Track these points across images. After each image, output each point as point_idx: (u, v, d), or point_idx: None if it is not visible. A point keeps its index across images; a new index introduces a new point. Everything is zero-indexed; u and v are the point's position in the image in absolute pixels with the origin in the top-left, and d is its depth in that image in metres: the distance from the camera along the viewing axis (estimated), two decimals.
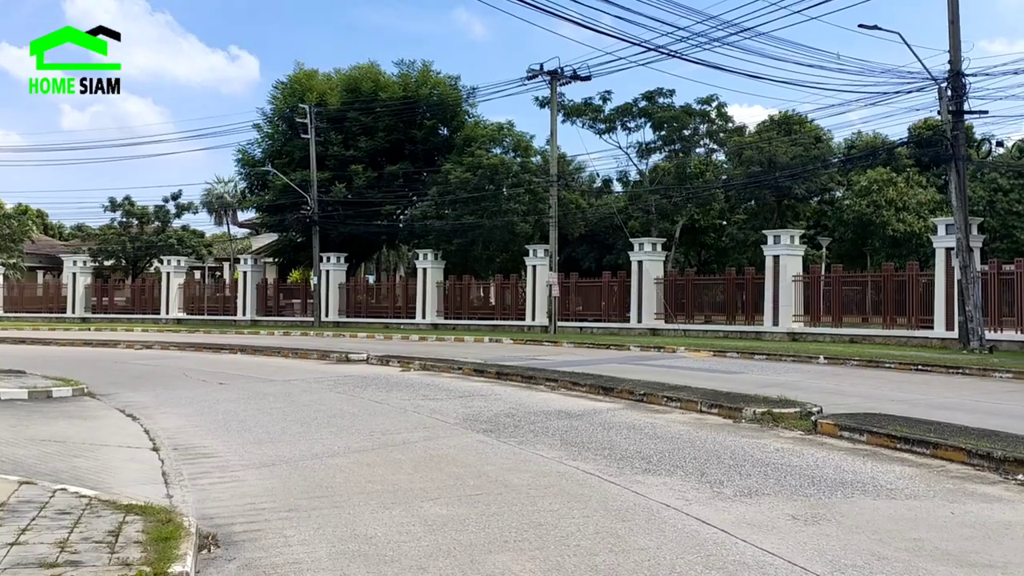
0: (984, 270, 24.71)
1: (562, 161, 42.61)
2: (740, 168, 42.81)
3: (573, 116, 44.67)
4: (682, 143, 44.84)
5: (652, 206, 43.12)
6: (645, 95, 44.06)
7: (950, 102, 23.36)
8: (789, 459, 9.04)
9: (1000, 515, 6.85)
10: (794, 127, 43.76)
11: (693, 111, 44.22)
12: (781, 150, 41.17)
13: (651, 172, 46.77)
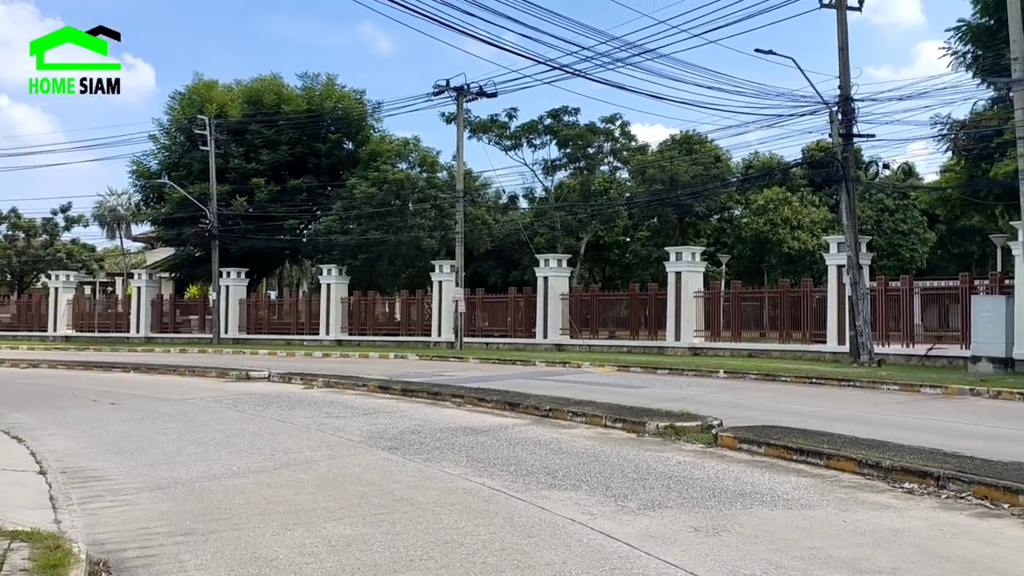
0: (873, 286, 25.75)
1: (468, 177, 42.66)
2: (643, 186, 43.68)
3: (479, 132, 44.89)
4: (587, 160, 45.51)
5: (557, 222, 43.57)
6: (550, 113, 44.62)
7: (840, 125, 24.34)
8: (691, 472, 9.20)
9: (889, 522, 7.12)
10: (695, 147, 44.94)
11: (597, 129, 44.98)
12: (682, 169, 42.19)
13: (556, 189, 47.30)
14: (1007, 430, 12.48)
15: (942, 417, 14.06)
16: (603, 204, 43.76)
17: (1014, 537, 6.69)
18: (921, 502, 7.84)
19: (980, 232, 42.01)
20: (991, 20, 23.25)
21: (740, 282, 34.53)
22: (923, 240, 46.33)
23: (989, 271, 33.12)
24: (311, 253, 47.17)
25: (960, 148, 25.07)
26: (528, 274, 39.19)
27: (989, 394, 16.90)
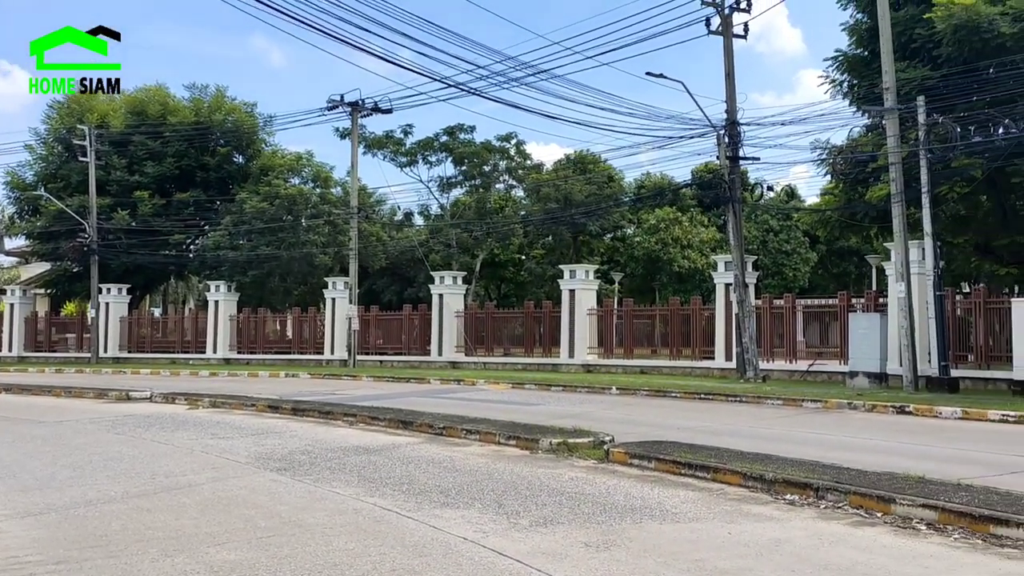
0: (758, 304, 26.62)
1: (363, 193, 42.24)
2: (538, 204, 44.12)
3: (375, 148, 44.55)
4: (482, 178, 45.71)
5: (453, 240, 43.56)
6: (446, 130, 44.67)
7: (727, 148, 25.16)
8: (583, 488, 9.27)
9: (771, 533, 7.33)
10: (589, 166, 45.68)
11: (493, 147, 45.25)
12: (577, 188, 42.80)
13: (452, 206, 47.32)
14: (881, 442, 13.05)
15: (822, 430, 14.59)
16: (499, 222, 44.01)
17: (887, 544, 6.98)
18: (802, 513, 8.10)
19: (857, 252, 44.04)
20: (866, 51, 24.46)
21: (632, 300, 35.16)
22: (805, 260, 48.26)
23: (865, 290, 34.73)
24: (198, 269, 45.75)
25: (838, 172, 26.19)
26: (423, 291, 38.99)
27: (865, 408, 17.66)
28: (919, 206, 21.21)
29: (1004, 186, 22.51)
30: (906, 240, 21.31)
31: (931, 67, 22.01)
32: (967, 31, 20.68)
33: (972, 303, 22.51)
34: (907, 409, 17.03)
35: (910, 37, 22.51)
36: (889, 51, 21.21)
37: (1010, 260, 25.55)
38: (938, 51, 21.69)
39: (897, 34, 22.02)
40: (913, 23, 22.41)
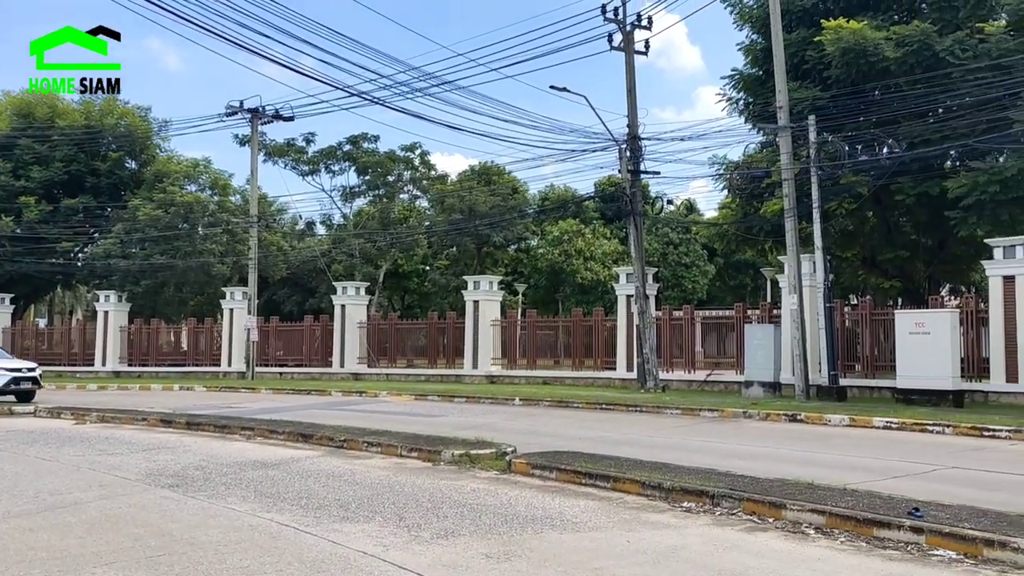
0: (658, 316, 27.14)
1: (264, 201, 41.44)
2: (443, 215, 44.08)
3: (276, 156, 43.79)
4: (386, 188, 45.42)
5: (356, 250, 43.09)
6: (350, 139, 44.26)
7: (629, 162, 25.63)
8: (485, 499, 9.26)
9: (668, 540, 7.46)
10: (493, 178, 45.91)
11: (397, 157, 45.04)
12: (481, 199, 42.94)
13: (355, 216, 46.86)
14: (774, 449, 13.45)
15: (718, 439, 14.95)
16: (403, 232, 43.79)
17: (777, 549, 7.19)
18: (698, 520, 8.27)
19: (753, 265, 45.43)
20: (760, 71, 25.33)
21: (536, 311, 35.42)
22: (704, 272, 49.53)
23: (761, 302, 35.86)
24: (87, 278, 44.01)
25: (735, 187, 26.99)
26: (325, 302, 38.44)
27: (759, 416, 18.18)
28: (811, 221, 22.02)
29: (888, 203, 23.59)
30: (798, 254, 22.09)
31: (821, 88, 22.93)
32: (854, 54, 21.63)
33: (859, 315, 23.47)
34: (799, 417, 17.61)
35: (802, 58, 23.41)
36: (782, 71, 22.00)
37: (894, 274, 26.75)
38: (828, 72, 22.61)
39: (790, 55, 22.87)
40: (805, 45, 23.31)
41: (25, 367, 24.72)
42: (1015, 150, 19.83)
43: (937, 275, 27.01)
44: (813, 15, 23.78)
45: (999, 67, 20.20)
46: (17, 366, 24.71)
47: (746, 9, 25.86)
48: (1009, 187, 19.93)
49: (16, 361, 26.22)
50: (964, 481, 10.36)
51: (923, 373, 19.46)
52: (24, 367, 24.69)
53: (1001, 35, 20.66)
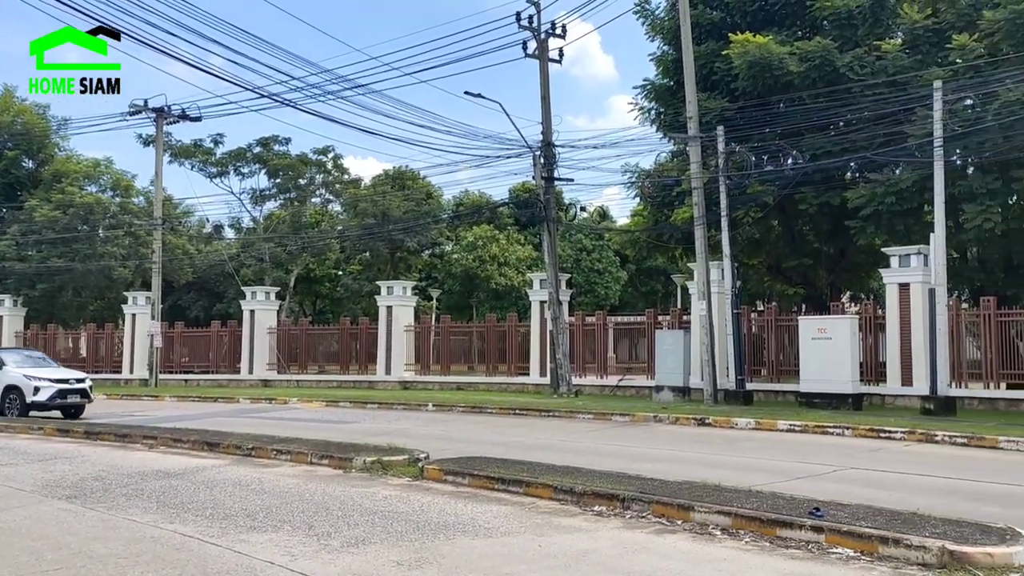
0: (571, 321, 27.38)
1: (168, 203, 40.29)
2: (356, 219, 43.62)
3: (182, 157, 42.65)
4: (298, 192, 44.73)
5: (266, 254, 42.27)
6: (260, 141, 43.42)
7: (543, 169, 25.83)
8: (397, 506, 9.17)
9: (579, 544, 7.51)
10: (408, 182, 45.66)
11: (310, 160, 44.40)
12: (395, 204, 42.66)
13: (266, 219, 46.00)
14: (682, 452, 13.71)
15: (630, 443, 15.16)
16: (314, 236, 43.15)
17: (685, 550, 7.31)
18: (609, 523, 8.36)
19: (664, 272, 46.27)
20: (671, 81, 25.84)
21: (450, 316, 35.34)
22: (616, 278, 50.18)
23: (671, 308, 36.47)
24: None
25: (646, 195, 27.46)
26: (234, 307, 37.59)
27: (669, 420, 18.51)
28: (719, 229, 22.56)
29: (792, 212, 24.33)
30: (707, 261, 22.59)
31: (730, 99, 23.53)
32: (760, 68, 22.26)
33: (765, 321, 24.12)
34: (707, 421, 17.99)
35: (711, 70, 23.98)
36: (692, 83, 22.50)
37: (798, 281, 27.60)
38: (736, 85, 23.22)
39: (700, 67, 23.40)
40: (714, 57, 23.89)
41: (73, 377, 21.30)
42: (910, 163, 20.69)
43: (838, 282, 27.96)
44: (721, 29, 24.39)
45: (895, 83, 21.07)
46: (64, 376, 21.32)
47: (658, 21, 26.37)
48: (904, 198, 20.78)
49: (62, 370, 22.68)
50: (862, 481, 10.74)
51: (825, 377, 20.11)
52: (72, 377, 21.27)
53: (897, 53, 21.56)
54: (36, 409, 20.22)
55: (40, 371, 20.93)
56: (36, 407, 20.21)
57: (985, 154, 20.13)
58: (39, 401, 20.12)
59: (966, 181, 20.38)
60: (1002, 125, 19.07)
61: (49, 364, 22.41)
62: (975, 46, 20.17)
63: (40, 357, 23.01)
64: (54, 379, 20.63)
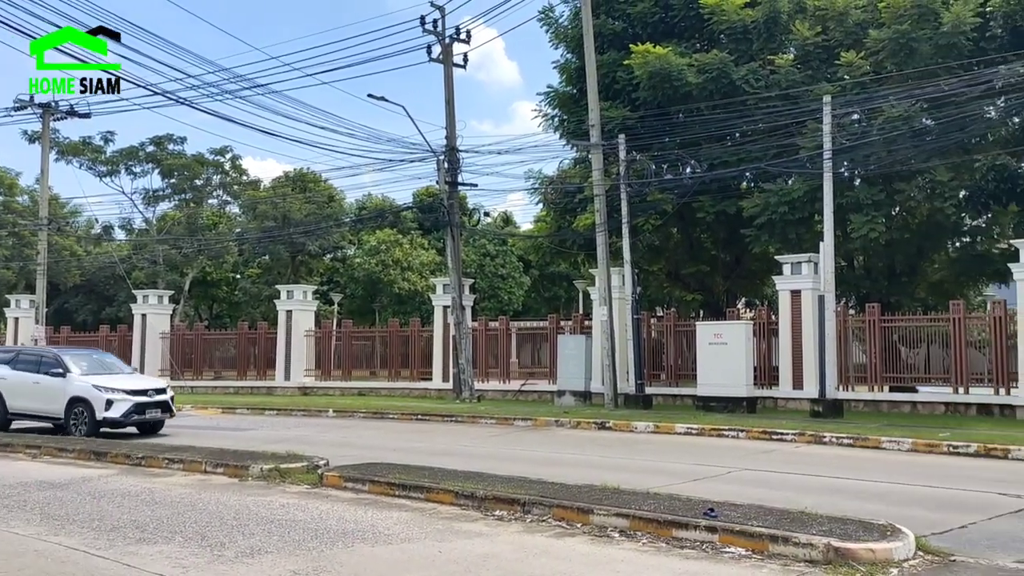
0: (475, 326, 27.38)
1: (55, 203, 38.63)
2: (255, 222, 42.71)
3: (70, 155, 40.99)
4: (194, 193, 43.53)
5: (160, 256, 40.96)
6: (154, 140, 42.12)
7: (447, 174, 25.76)
8: (294, 514, 9.00)
9: (480, 549, 7.51)
10: (309, 185, 44.95)
11: (206, 161, 43.27)
12: (296, 206, 41.95)
13: (159, 221, 44.60)
14: (583, 456, 13.86)
15: (532, 447, 15.25)
16: (211, 239, 42.02)
17: (584, 552, 7.40)
18: (509, 527, 8.39)
19: (567, 277, 46.73)
20: (575, 89, 26.15)
21: (352, 321, 34.91)
22: (519, 284, 50.45)
23: (573, 313, 36.88)
24: None
25: (549, 201, 27.71)
26: (125, 311, 36.29)
27: (570, 424, 18.70)
28: (621, 235, 22.92)
29: (691, 220, 24.93)
30: (609, 267, 22.92)
31: (631, 108, 23.96)
32: (660, 78, 22.75)
33: (665, 326, 24.62)
34: (607, 425, 18.25)
35: (613, 79, 24.38)
36: (594, 91, 22.83)
37: (696, 287, 28.28)
38: (637, 94, 23.66)
39: (602, 75, 23.76)
40: (616, 67, 24.29)
41: (152, 387, 17.84)
42: (801, 174, 21.46)
43: (735, 289, 28.77)
44: (623, 39, 24.81)
45: (788, 97, 21.83)
46: (142, 385, 17.79)
47: (561, 29, 26.65)
48: (796, 208, 21.54)
49: (138, 377, 19.63)
50: (755, 482, 11.07)
51: (721, 381, 20.64)
52: (151, 387, 17.81)
53: (789, 68, 22.36)
54: (108, 427, 16.84)
55: (113, 379, 17.39)
56: (108, 424, 16.79)
57: (871, 167, 21.04)
58: (112, 418, 16.69)
59: (853, 192, 21.25)
60: (886, 140, 19.98)
61: (121, 369, 19.09)
62: (861, 63, 21.09)
63: (111, 361, 19.40)
64: (130, 390, 17.16)
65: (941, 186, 20.31)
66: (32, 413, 17.76)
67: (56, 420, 17.24)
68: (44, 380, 17.41)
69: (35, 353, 19.22)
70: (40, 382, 17.47)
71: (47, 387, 17.33)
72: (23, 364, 18.12)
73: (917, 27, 20.36)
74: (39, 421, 17.76)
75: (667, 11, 24.82)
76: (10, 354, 19.12)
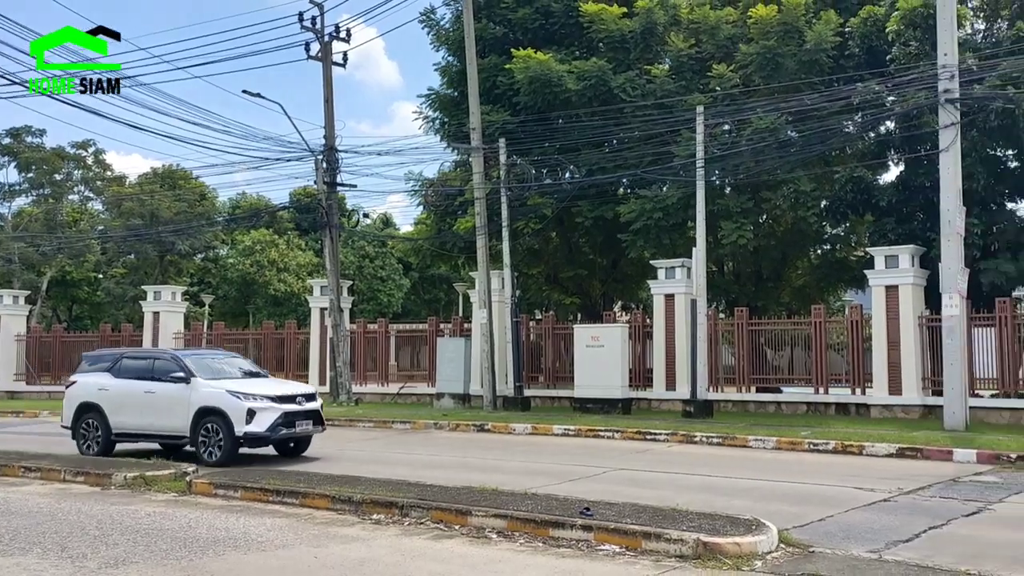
0: (353, 329, 27.00)
1: None
2: (120, 219, 40.93)
3: None
4: (53, 188, 41.43)
5: (15, 255, 38.70)
6: (9, 131, 39.90)
7: (325, 174, 25.33)
8: (161, 523, 8.67)
9: (356, 553, 7.41)
10: (179, 182, 43.41)
11: (67, 154, 41.27)
12: (165, 204, 40.46)
13: (15, 217, 42.20)
14: (462, 458, 13.86)
15: (411, 450, 15.15)
16: (72, 236, 40.01)
17: (462, 554, 7.40)
18: (387, 531, 8.31)
19: (447, 280, 46.75)
20: (456, 92, 26.14)
21: (224, 323, 33.87)
22: (399, 286, 50.16)
23: (453, 316, 36.89)
24: None
25: (430, 204, 27.61)
26: None
27: (449, 427, 18.69)
28: (501, 239, 23.06)
29: (570, 225, 25.31)
30: (488, 270, 23.02)
31: (512, 113, 24.15)
32: (540, 84, 23.02)
33: (543, 329, 24.88)
34: (486, 427, 18.32)
35: (494, 83, 24.51)
36: (476, 94, 22.90)
37: (574, 290, 28.69)
38: (518, 99, 23.86)
39: (483, 79, 23.87)
40: (497, 71, 24.43)
41: (300, 393, 13.85)
42: (675, 181, 22.09)
43: (612, 292, 29.34)
44: (505, 44, 24.99)
45: (663, 106, 22.46)
46: (290, 391, 13.82)
47: (443, 31, 26.62)
48: (670, 214, 22.16)
49: (281, 382, 15.54)
50: (630, 481, 11.33)
51: (597, 383, 21.02)
52: (299, 393, 13.82)
53: (664, 77, 23.00)
54: (250, 444, 13.15)
55: (251, 385, 13.68)
56: (250, 441, 12.99)
57: (740, 176, 21.86)
58: (255, 433, 12.81)
59: (724, 200, 22.03)
60: (754, 150, 20.82)
61: (258, 372, 15.23)
62: (732, 76, 21.91)
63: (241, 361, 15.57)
64: (277, 396, 13.32)
65: (804, 196, 21.32)
66: (144, 432, 13.94)
67: (177, 439, 13.55)
68: (161, 388, 13.62)
69: (145, 355, 15.45)
70: (155, 391, 13.68)
71: (167, 397, 13.49)
72: (130, 371, 14.27)
73: (783, 43, 21.30)
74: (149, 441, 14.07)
75: (548, 18, 25.14)
76: (110, 359, 14.91)
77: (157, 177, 44.01)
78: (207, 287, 45.04)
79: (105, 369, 14.48)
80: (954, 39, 16.58)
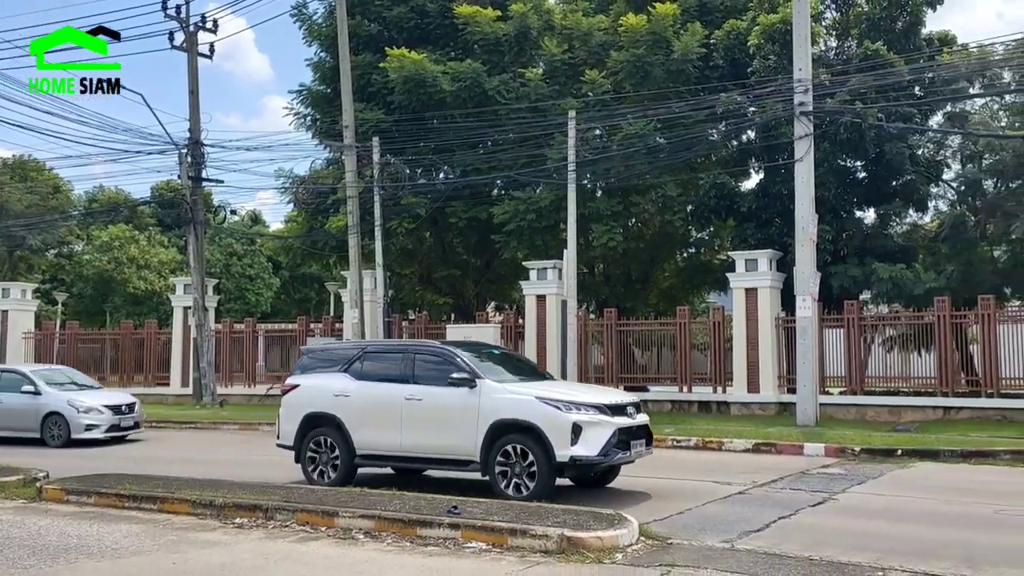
0: (219, 329, 26.22)
1: None
2: None
3: None
4: None
5: None
6: None
7: (190, 168, 24.49)
8: (8, 531, 8.24)
9: (217, 558, 7.22)
10: (31, 174, 41.07)
11: None
12: (15, 197, 38.21)
13: None
14: None
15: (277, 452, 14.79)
16: None
17: (327, 555, 7.32)
18: (250, 535, 8.12)
19: (319, 279, 45.85)
20: (329, 89, 25.73)
21: (79, 323, 32.29)
22: (268, 285, 48.93)
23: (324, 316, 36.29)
24: None
25: (301, 201, 27.06)
26: None
27: None
28: (373, 238, 22.85)
29: (444, 225, 25.34)
30: (361, 269, 22.77)
31: (386, 111, 23.98)
32: (415, 83, 22.95)
33: (416, 328, 24.80)
34: None
35: (369, 81, 24.29)
36: (349, 92, 22.61)
37: (448, 290, 28.72)
38: (392, 98, 23.72)
39: (357, 77, 23.60)
40: (371, 69, 24.22)
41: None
42: (548, 184, 22.44)
43: (485, 292, 29.53)
44: (379, 42, 24.79)
45: (537, 109, 22.79)
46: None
47: (316, 26, 26.18)
48: (543, 216, 22.50)
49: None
50: None
51: None
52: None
53: (538, 81, 23.32)
54: (573, 471, 10.01)
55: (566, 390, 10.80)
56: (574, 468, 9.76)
57: (611, 180, 22.40)
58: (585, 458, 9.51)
59: (595, 203, 22.51)
60: (624, 155, 21.37)
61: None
62: (603, 82, 22.43)
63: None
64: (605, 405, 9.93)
65: (671, 200, 22.06)
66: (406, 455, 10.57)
67: (457, 465, 10.18)
68: (430, 394, 10.32)
69: (398, 348, 11.71)
70: (422, 398, 10.35)
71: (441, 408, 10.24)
72: (379, 370, 10.92)
73: (651, 52, 21.94)
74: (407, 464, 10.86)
75: (423, 17, 25.09)
76: (345, 353, 11.54)
77: (7, 168, 41.50)
78: (61, 285, 42.79)
79: (339, 368, 11.18)
80: (808, 55, 17.48)
